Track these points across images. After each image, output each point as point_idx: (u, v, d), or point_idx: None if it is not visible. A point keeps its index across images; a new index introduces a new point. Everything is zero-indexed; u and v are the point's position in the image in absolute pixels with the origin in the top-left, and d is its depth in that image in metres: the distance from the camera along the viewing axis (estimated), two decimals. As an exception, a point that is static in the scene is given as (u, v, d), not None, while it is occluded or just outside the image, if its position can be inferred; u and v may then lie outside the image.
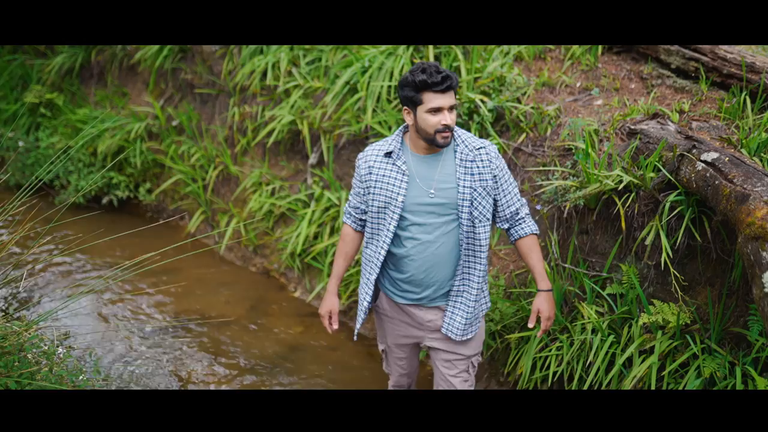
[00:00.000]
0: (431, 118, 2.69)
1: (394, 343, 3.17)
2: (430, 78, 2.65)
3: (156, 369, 4.07)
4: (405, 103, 2.77)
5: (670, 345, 3.29)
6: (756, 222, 2.42)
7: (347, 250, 3.10)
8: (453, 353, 3.08)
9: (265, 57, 5.36)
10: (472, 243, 2.88)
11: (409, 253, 2.87)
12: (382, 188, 2.84)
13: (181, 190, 5.93)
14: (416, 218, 2.83)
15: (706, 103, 3.82)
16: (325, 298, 3.11)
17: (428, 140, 2.76)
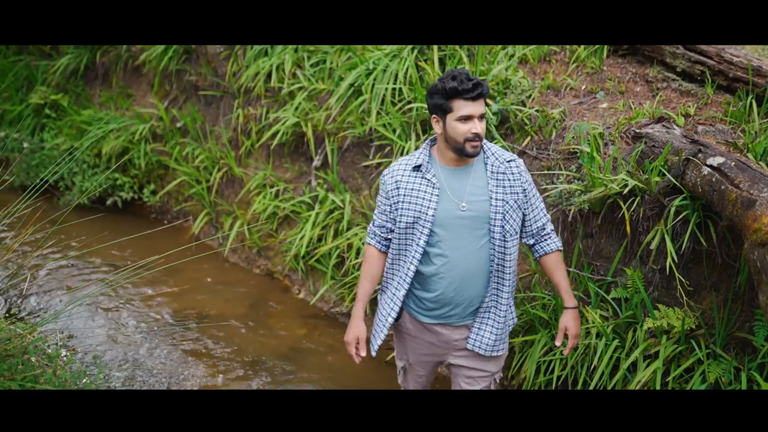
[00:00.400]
0: (461, 127, 2.64)
1: (416, 362, 3.05)
2: (461, 85, 2.60)
3: (158, 370, 4.07)
4: (434, 111, 2.72)
5: (675, 350, 3.28)
6: (763, 228, 2.41)
7: (373, 272, 2.96)
8: (477, 370, 3.00)
9: (270, 59, 5.35)
10: (502, 258, 2.79)
11: (439, 271, 2.79)
12: (411, 202, 2.77)
13: (185, 191, 5.93)
14: (446, 233, 2.76)
15: (712, 107, 3.81)
16: (351, 324, 2.94)
17: (457, 149, 2.69)
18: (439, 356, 3.00)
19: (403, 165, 2.84)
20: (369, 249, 2.97)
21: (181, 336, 4.47)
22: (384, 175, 2.87)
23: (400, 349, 3.11)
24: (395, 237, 2.85)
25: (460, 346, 2.94)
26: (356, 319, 2.93)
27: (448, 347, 2.95)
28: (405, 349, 3.06)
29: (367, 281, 2.96)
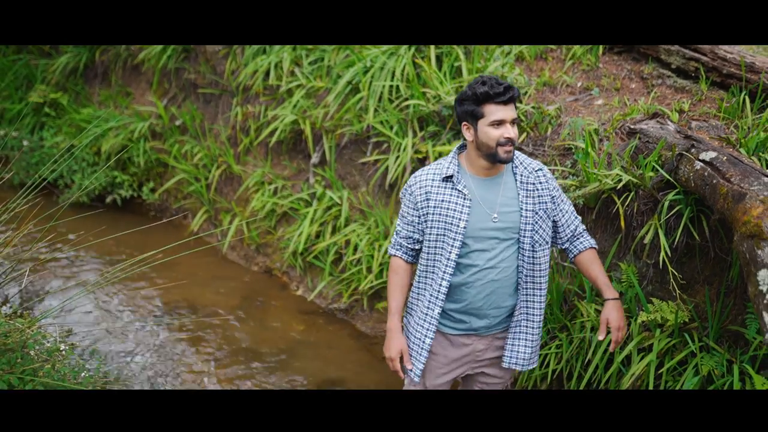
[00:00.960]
0: (494, 132, 2.60)
1: (433, 384, 2.94)
2: (491, 89, 2.57)
3: (156, 364, 4.11)
4: (464, 119, 2.67)
5: (669, 343, 3.31)
6: (752, 220, 2.43)
7: (403, 284, 2.87)
8: (495, 377, 3.00)
9: (268, 57, 5.39)
10: (532, 269, 2.77)
11: (467, 281, 2.75)
12: (442, 214, 2.71)
13: (184, 189, 5.96)
14: (477, 244, 2.72)
15: (706, 103, 3.83)
16: (391, 338, 2.84)
17: (490, 155, 2.65)
18: (458, 372, 2.93)
19: (431, 174, 2.77)
20: (396, 261, 2.88)
21: (179, 329, 4.50)
22: (410, 185, 2.80)
23: (408, 378, 2.98)
24: (426, 248, 2.80)
25: (482, 357, 2.91)
26: (396, 332, 2.84)
27: (470, 359, 2.91)
28: (423, 371, 2.93)
29: (399, 293, 2.86)
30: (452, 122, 4.27)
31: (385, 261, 4.45)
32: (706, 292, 3.25)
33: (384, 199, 4.68)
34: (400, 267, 2.87)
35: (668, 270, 3.33)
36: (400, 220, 2.86)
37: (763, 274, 2.29)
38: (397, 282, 2.86)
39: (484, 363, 2.94)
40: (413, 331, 2.86)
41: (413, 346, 2.86)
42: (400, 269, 2.87)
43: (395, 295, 2.86)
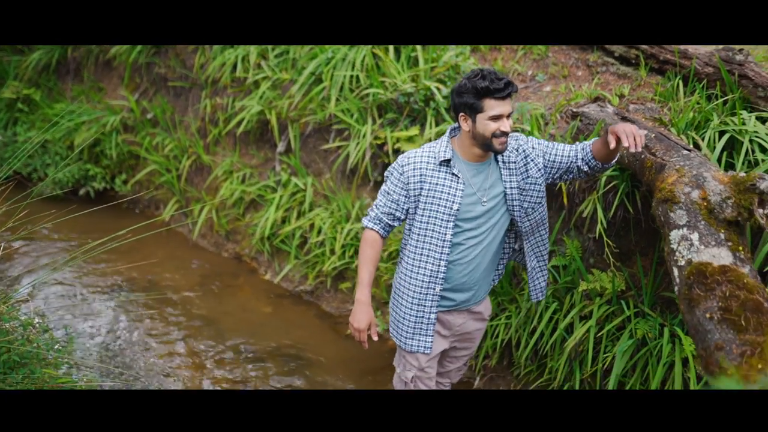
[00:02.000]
0: (492, 125, 2.70)
1: (427, 363, 3.08)
2: (492, 84, 2.66)
3: (125, 343, 4.27)
4: (461, 110, 2.76)
5: (607, 310, 3.55)
6: (667, 187, 2.67)
7: (375, 257, 2.96)
8: (463, 350, 3.25)
9: (235, 51, 5.57)
10: (530, 226, 3.01)
11: (455, 258, 2.91)
12: (435, 197, 2.84)
13: (156, 180, 6.12)
14: (466, 225, 2.88)
15: (645, 88, 4.08)
16: (361, 309, 2.91)
17: (485, 146, 2.77)
18: (441, 348, 3.10)
19: (426, 158, 2.86)
20: (372, 234, 2.95)
21: (148, 310, 4.66)
22: (402, 165, 2.88)
23: (409, 355, 3.09)
24: (415, 232, 2.92)
25: (460, 332, 3.13)
26: (365, 305, 2.91)
27: (451, 334, 3.11)
28: (415, 354, 3.07)
29: (372, 265, 2.94)
30: (408, 109, 4.48)
31: (348, 243, 4.66)
32: (639, 262, 3.49)
33: (346, 184, 4.89)
34: (375, 241, 2.95)
35: (612, 242, 3.58)
36: (384, 197, 2.93)
37: (675, 234, 2.53)
38: (371, 255, 2.94)
39: (459, 338, 3.18)
40: (407, 311, 2.99)
41: (414, 325, 2.99)
42: (376, 243, 2.95)
43: (368, 267, 2.93)
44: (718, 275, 2.34)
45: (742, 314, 2.22)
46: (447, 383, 3.39)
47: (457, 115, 2.82)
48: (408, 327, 3.01)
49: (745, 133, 3.25)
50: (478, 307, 3.14)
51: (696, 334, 2.31)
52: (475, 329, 3.22)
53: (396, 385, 3.21)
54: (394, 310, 3.09)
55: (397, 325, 3.06)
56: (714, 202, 2.51)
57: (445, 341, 3.12)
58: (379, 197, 2.96)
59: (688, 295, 2.37)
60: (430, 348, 3.01)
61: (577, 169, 2.95)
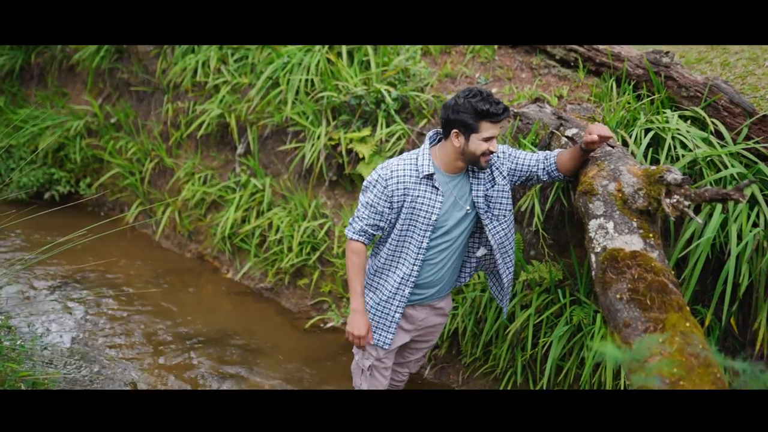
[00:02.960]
0: (483, 145, 2.84)
1: (385, 354, 3.23)
2: (492, 108, 2.78)
3: (89, 339, 4.40)
4: (456, 127, 2.86)
5: (546, 299, 3.76)
6: (587, 180, 2.89)
7: (363, 265, 3.07)
8: (426, 342, 3.45)
9: (196, 56, 5.72)
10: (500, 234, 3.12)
11: (427, 258, 3.07)
12: (417, 208, 2.96)
13: (119, 183, 6.24)
14: (441, 231, 3.03)
15: (582, 89, 4.31)
16: (357, 318, 3.04)
17: (471, 162, 2.92)
18: (402, 341, 3.26)
19: (408, 170, 2.96)
20: (358, 245, 3.03)
21: (111, 310, 4.79)
22: (386, 178, 2.95)
23: (370, 348, 3.22)
24: (393, 237, 3.04)
25: (422, 326, 3.31)
26: (361, 314, 3.04)
27: (413, 328, 3.29)
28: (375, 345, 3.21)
29: (362, 275, 3.06)
30: (361, 111, 4.67)
31: (305, 240, 4.83)
32: (573, 253, 3.71)
33: (303, 184, 5.06)
34: (362, 251, 3.04)
35: (546, 234, 3.80)
36: (367, 209, 3.00)
37: (593, 223, 2.74)
38: (360, 265, 3.05)
39: (421, 332, 3.36)
40: (377, 306, 3.15)
41: (379, 319, 3.15)
42: (362, 253, 3.05)
43: (359, 278, 3.05)
44: (629, 260, 2.55)
45: (648, 294, 2.43)
46: (405, 373, 3.58)
47: (448, 129, 2.91)
48: (372, 319, 3.17)
49: (669, 131, 3.48)
50: (440, 302, 3.33)
51: (608, 313, 2.52)
52: (437, 323, 3.41)
53: (354, 370, 3.37)
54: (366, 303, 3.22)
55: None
56: (628, 193, 2.73)
57: (407, 335, 3.29)
58: (361, 209, 3.02)
59: (602, 279, 2.58)
60: (389, 344, 3.17)
61: (537, 178, 3.13)
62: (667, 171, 2.64)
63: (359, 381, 3.33)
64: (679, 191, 2.61)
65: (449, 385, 4.19)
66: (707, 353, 2.27)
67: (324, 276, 4.84)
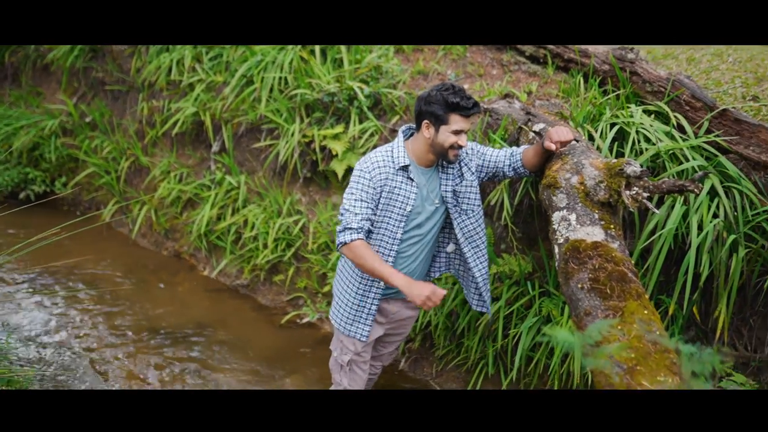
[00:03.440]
0: (451, 137, 2.91)
1: (363, 346, 3.28)
2: (462, 101, 2.87)
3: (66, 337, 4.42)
4: (427, 118, 2.94)
5: (516, 291, 3.83)
6: (551, 173, 2.96)
7: (374, 252, 2.97)
8: (398, 335, 3.52)
9: (171, 54, 5.74)
10: (470, 229, 3.18)
11: (400, 250, 3.12)
12: (392, 199, 3.01)
13: (95, 182, 6.24)
14: (414, 223, 3.09)
15: (551, 85, 4.39)
16: (412, 287, 2.83)
17: (440, 155, 2.98)
18: (377, 335, 3.31)
19: (386, 161, 3.01)
20: (359, 243, 2.93)
21: (87, 309, 4.80)
22: (369, 170, 2.98)
23: (347, 340, 3.27)
24: (372, 229, 3.06)
25: (394, 319, 3.37)
26: (411, 282, 2.87)
27: (387, 321, 3.34)
28: (352, 340, 3.27)
29: (380, 259, 2.96)
30: (334, 108, 4.72)
31: (280, 237, 4.87)
32: (542, 246, 3.79)
33: (277, 181, 5.11)
34: (365, 245, 2.94)
35: (516, 228, 3.87)
36: (359, 204, 2.97)
37: (556, 215, 2.81)
38: (373, 253, 2.94)
39: (394, 324, 3.42)
40: (352, 298, 3.19)
41: (356, 312, 3.19)
42: (367, 245, 2.95)
43: (381, 262, 2.92)
44: (590, 250, 2.62)
45: (608, 284, 2.51)
46: (379, 366, 3.64)
47: (420, 120, 2.99)
48: (349, 313, 3.22)
49: (633, 125, 3.56)
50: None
51: (571, 302, 2.59)
52: (408, 316, 3.46)
53: (333, 366, 3.42)
54: (337, 295, 3.28)
55: (339, 309, 3.27)
56: (590, 186, 2.81)
57: (381, 328, 3.35)
58: (351, 207, 2.97)
59: (564, 269, 2.65)
60: (367, 336, 3.23)
61: (503, 174, 3.21)
62: (627, 164, 2.72)
63: (339, 377, 3.38)
64: (638, 183, 2.69)
65: (423, 378, 4.26)
66: (664, 339, 2.35)
67: (299, 272, 4.88)
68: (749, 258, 3.28)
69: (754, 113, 3.81)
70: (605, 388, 2.23)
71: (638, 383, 2.19)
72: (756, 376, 3.35)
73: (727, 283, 3.24)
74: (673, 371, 2.22)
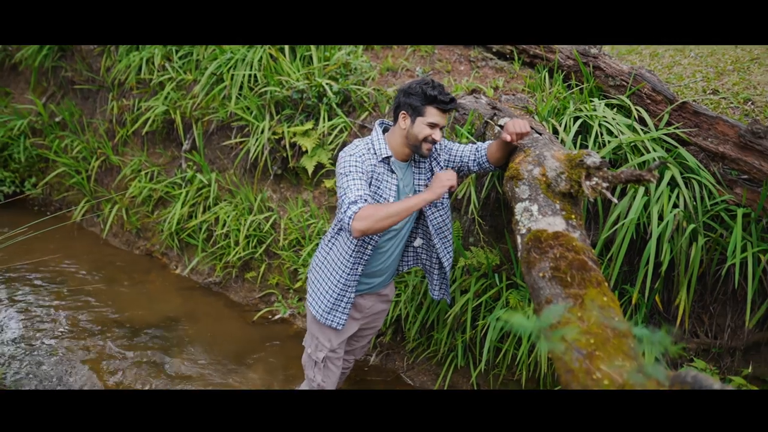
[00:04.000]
0: (426, 130, 2.96)
1: (338, 343, 3.30)
2: (440, 95, 2.93)
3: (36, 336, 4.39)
4: (405, 108, 2.99)
5: (485, 283, 3.89)
6: (514, 165, 3.01)
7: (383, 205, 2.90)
8: (371, 329, 3.56)
9: (141, 53, 5.72)
10: (438, 221, 3.22)
11: (378, 245, 3.15)
12: (379, 188, 3.03)
13: (65, 182, 6.21)
14: None
15: (517, 80, 4.45)
16: (434, 186, 2.94)
17: (414, 147, 3.01)
18: (352, 330, 3.34)
19: (368, 152, 3.01)
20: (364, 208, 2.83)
21: (58, 308, 4.78)
22: (357, 156, 2.96)
23: (322, 336, 3.29)
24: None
25: (369, 313, 3.40)
26: (429, 187, 2.95)
27: (362, 316, 3.37)
28: (331, 333, 3.28)
29: (392, 204, 2.90)
30: (303, 105, 4.74)
31: (251, 234, 4.89)
32: (508, 239, 3.84)
33: (248, 178, 5.12)
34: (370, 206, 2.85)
35: (484, 221, 3.92)
36: (354, 183, 2.90)
37: (519, 206, 2.86)
38: (383, 204, 2.89)
39: (368, 319, 3.46)
40: (332, 287, 3.18)
41: (335, 301, 3.19)
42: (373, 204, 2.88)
43: (395, 203, 2.89)
44: (552, 240, 2.67)
45: (569, 272, 2.56)
46: (351, 360, 3.67)
47: (398, 112, 3.04)
48: (328, 302, 3.22)
49: (596, 118, 3.63)
50: (385, 290, 3.43)
51: (533, 291, 2.64)
52: (381, 310, 3.51)
53: (306, 363, 3.42)
54: (317, 284, 3.27)
55: (318, 298, 3.25)
56: (551, 177, 2.86)
57: (356, 323, 3.39)
58: (346, 188, 2.90)
59: (526, 259, 2.70)
60: (343, 325, 3.24)
61: (468, 169, 3.25)
62: (587, 155, 2.77)
63: (312, 373, 3.39)
64: (598, 174, 2.75)
65: (395, 371, 4.29)
66: (623, 325, 2.40)
67: (271, 268, 4.90)
68: (708, 246, 3.36)
69: (714, 106, 3.90)
70: (565, 374, 2.29)
71: (597, 368, 2.24)
72: (716, 361, 3.43)
73: (688, 272, 3.32)
74: (630, 356, 2.28)
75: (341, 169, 2.97)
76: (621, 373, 2.21)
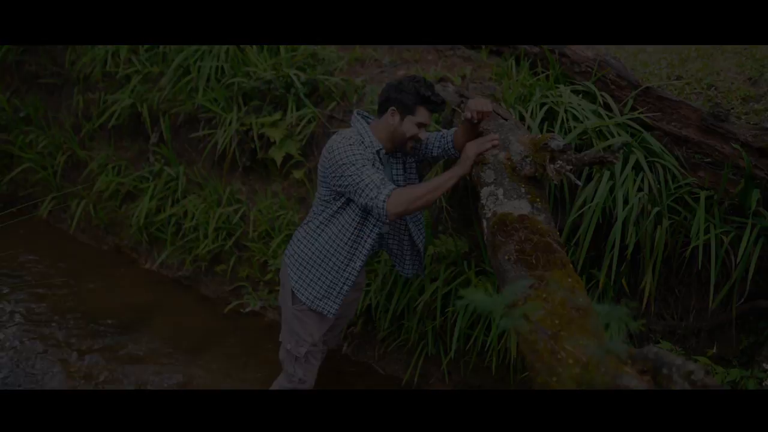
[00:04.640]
0: (414, 129, 3.01)
1: (320, 337, 3.31)
2: (433, 96, 2.98)
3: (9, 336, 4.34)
4: (395, 104, 3.00)
5: (454, 270, 3.90)
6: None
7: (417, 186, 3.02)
8: (345, 318, 3.60)
9: (106, 46, 5.64)
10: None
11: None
12: None
13: (31, 178, 6.11)
14: None
15: (485, 68, 4.46)
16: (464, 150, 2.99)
17: (399, 143, 3.07)
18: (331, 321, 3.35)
19: (360, 143, 3.01)
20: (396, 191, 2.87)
21: (25, 307, 4.71)
22: (357, 144, 2.96)
23: (303, 332, 3.27)
24: (351, 209, 3.05)
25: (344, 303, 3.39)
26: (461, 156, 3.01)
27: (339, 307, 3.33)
28: (313, 328, 3.28)
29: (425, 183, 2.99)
30: (271, 96, 4.72)
31: (220, 226, 4.85)
32: (476, 227, 3.86)
33: (217, 170, 5.08)
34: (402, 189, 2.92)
35: (455, 210, 3.93)
36: (365, 170, 2.90)
37: (484, 190, 2.87)
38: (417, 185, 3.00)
39: (343, 308, 3.47)
40: (325, 273, 3.16)
41: (328, 288, 3.18)
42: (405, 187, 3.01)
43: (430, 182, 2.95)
44: (517, 223, 2.69)
45: (534, 254, 2.57)
46: (325, 349, 3.66)
47: (385, 107, 3.04)
48: (320, 289, 3.19)
49: (562, 104, 3.66)
50: (358, 278, 3.43)
51: (499, 274, 2.65)
52: (355, 298, 3.54)
53: (285, 359, 3.38)
54: (307, 269, 3.19)
55: (309, 284, 3.20)
56: (516, 161, 2.88)
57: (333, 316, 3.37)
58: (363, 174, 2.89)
59: (492, 242, 2.71)
60: (335, 313, 3.23)
61: (431, 155, 3.29)
62: (551, 139, 2.79)
63: (293, 368, 3.34)
64: (562, 157, 2.77)
65: (367, 361, 4.29)
66: (587, 305, 2.42)
67: (241, 261, 4.87)
68: (673, 229, 3.40)
69: (678, 92, 3.94)
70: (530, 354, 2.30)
71: (561, 348, 2.26)
72: (682, 343, 3.48)
73: (653, 254, 3.35)
74: (594, 334, 2.29)
75: (344, 159, 2.93)
76: (585, 352, 2.22)
